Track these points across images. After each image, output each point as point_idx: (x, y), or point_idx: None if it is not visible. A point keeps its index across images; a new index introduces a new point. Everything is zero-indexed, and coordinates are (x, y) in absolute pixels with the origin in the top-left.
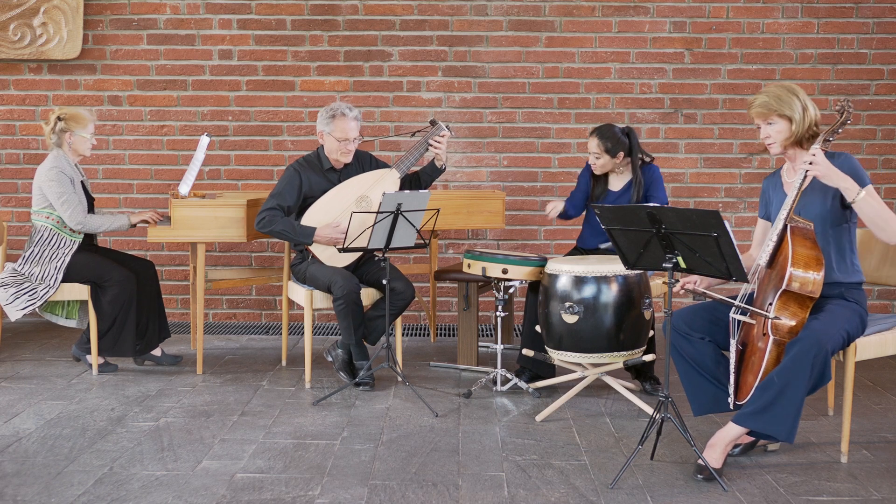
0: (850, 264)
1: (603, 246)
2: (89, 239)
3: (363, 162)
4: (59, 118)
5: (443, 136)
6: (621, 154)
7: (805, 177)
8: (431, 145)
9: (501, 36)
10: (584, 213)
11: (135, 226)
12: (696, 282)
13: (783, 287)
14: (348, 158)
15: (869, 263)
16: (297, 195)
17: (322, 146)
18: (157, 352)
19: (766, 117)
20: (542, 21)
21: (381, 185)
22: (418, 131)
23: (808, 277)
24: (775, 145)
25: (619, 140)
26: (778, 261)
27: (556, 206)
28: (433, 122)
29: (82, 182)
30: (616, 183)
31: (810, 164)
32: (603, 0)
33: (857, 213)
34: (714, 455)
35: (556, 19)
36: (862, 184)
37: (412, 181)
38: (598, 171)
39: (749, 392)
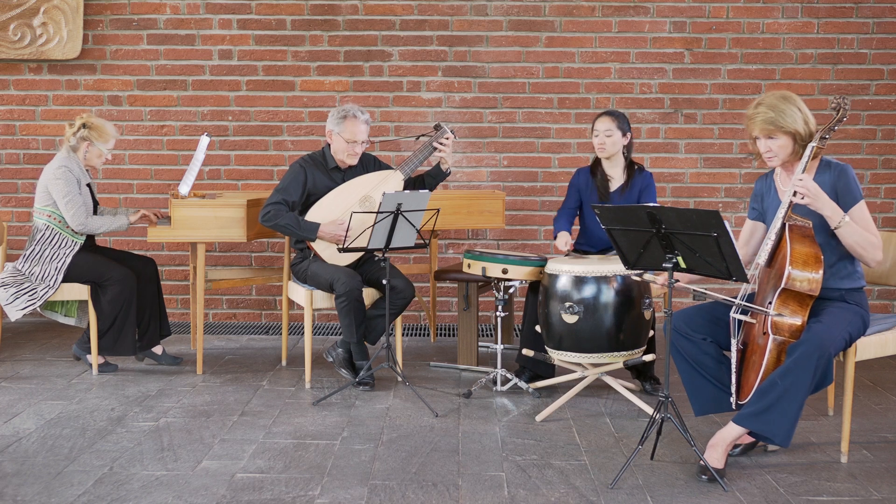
0: (851, 271)
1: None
2: (90, 239)
3: (366, 163)
4: (84, 125)
5: (448, 139)
6: (629, 135)
7: (793, 197)
8: (437, 148)
9: (501, 36)
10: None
11: (132, 224)
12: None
13: (782, 285)
14: (354, 161)
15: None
16: (301, 191)
17: (328, 145)
18: (157, 349)
19: (769, 133)
20: (542, 21)
21: (384, 186)
22: (423, 135)
23: (806, 276)
24: (776, 159)
25: (627, 119)
26: (777, 259)
27: (566, 240)
28: (437, 126)
29: (89, 184)
30: (612, 183)
31: (799, 191)
32: (603, 0)
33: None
34: (715, 455)
35: (556, 19)
36: (854, 200)
37: (416, 184)
38: (605, 153)
39: (751, 391)
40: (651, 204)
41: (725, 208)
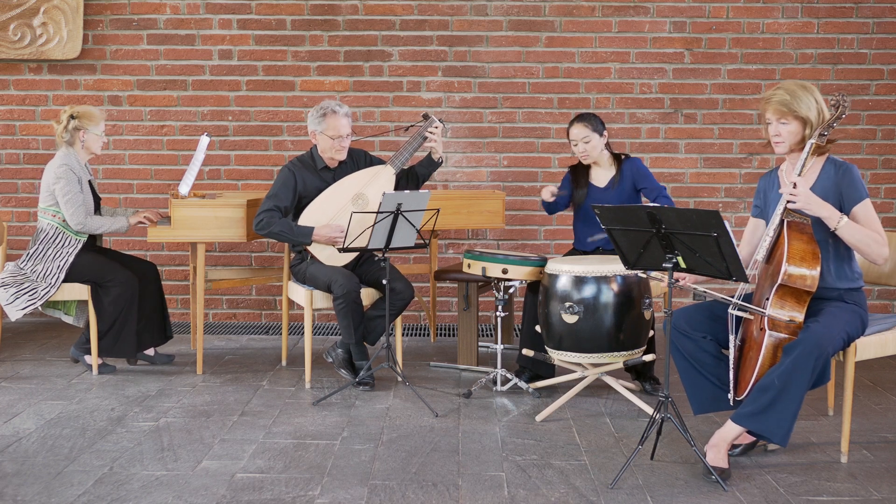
0: (849, 271)
1: (591, 239)
2: (93, 240)
3: (357, 159)
4: (72, 116)
5: (436, 129)
6: (606, 133)
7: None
8: (427, 138)
9: (501, 36)
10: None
11: (132, 226)
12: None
13: (779, 281)
14: (343, 155)
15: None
16: (292, 195)
17: (315, 146)
18: (150, 351)
19: (782, 115)
20: (542, 21)
21: (376, 182)
22: (411, 125)
23: (803, 272)
24: (783, 145)
25: (599, 118)
26: (775, 256)
27: (551, 189)
28: (426, 116)
29: (90, 181)
30: (599, 179)
31: (791, 194)
32: (603, 0)
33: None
34: (717, 455)
35: (556, 19)
36: (859, 199)
37: (409, 177)
38: (589, 159)
39: (747, 387)
40: (651, 204)
41: (725, 208)
